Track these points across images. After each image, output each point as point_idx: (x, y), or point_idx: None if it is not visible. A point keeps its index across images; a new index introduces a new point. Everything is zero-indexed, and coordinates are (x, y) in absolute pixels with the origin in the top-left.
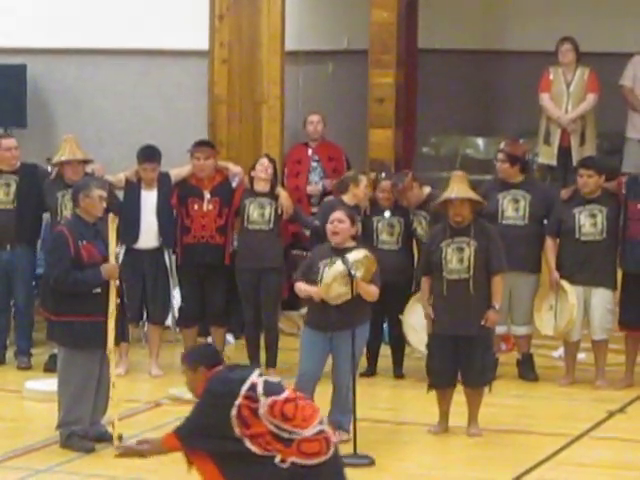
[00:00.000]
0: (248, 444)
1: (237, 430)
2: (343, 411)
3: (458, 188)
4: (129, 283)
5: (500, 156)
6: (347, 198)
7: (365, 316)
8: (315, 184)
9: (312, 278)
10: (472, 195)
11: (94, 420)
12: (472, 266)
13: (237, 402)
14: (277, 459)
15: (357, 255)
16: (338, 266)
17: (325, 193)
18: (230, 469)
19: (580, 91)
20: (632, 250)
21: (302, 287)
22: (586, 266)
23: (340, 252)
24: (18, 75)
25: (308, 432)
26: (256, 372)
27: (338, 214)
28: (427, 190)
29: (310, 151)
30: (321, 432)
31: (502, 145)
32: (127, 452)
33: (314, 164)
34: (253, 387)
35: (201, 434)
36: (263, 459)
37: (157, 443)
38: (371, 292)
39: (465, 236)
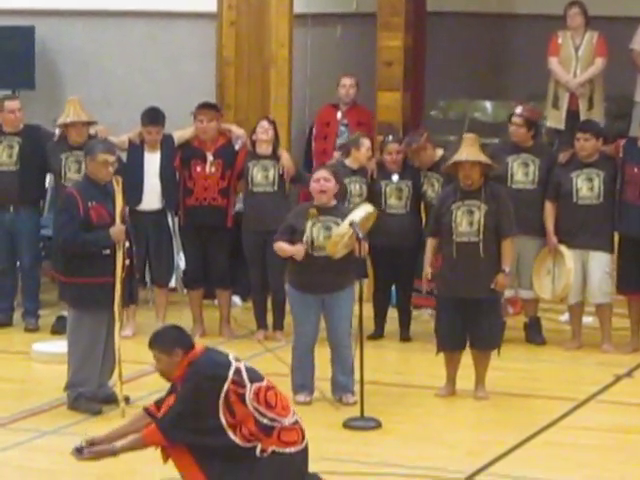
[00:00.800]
0: (232, 435)
1: (223, 418)
2: (345, 372)
3: (469, 151)
4: None
5: (518, 120)
6: (349, 161)
7: (354, 275)
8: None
9: (297, 239)
10: (483, 158)
11: (102, 382)
12: (482, 229)
13: (225, 387)
14: (258, 450)
15: (369, 208)
16: (355, 216)
17: None
18: (209, 462)
19: (589, 55)
20: (628, 214)
21: (284, 247)
22: (583, 230)
23: (323, 211)
24: (26, 37)
25: (287, 421)
26: (232, 356)
27: (323, 172)
28: (440, 152)
29: (340, 114)
30: (297, 422)
31: (519, 109)
32: (98, 454)
33: (342, 128)
34: (238, 372)
35: (186, 427)
36: (244, 451)
37: (137, 439)
38: (366, 248)
39: (475, 199)
